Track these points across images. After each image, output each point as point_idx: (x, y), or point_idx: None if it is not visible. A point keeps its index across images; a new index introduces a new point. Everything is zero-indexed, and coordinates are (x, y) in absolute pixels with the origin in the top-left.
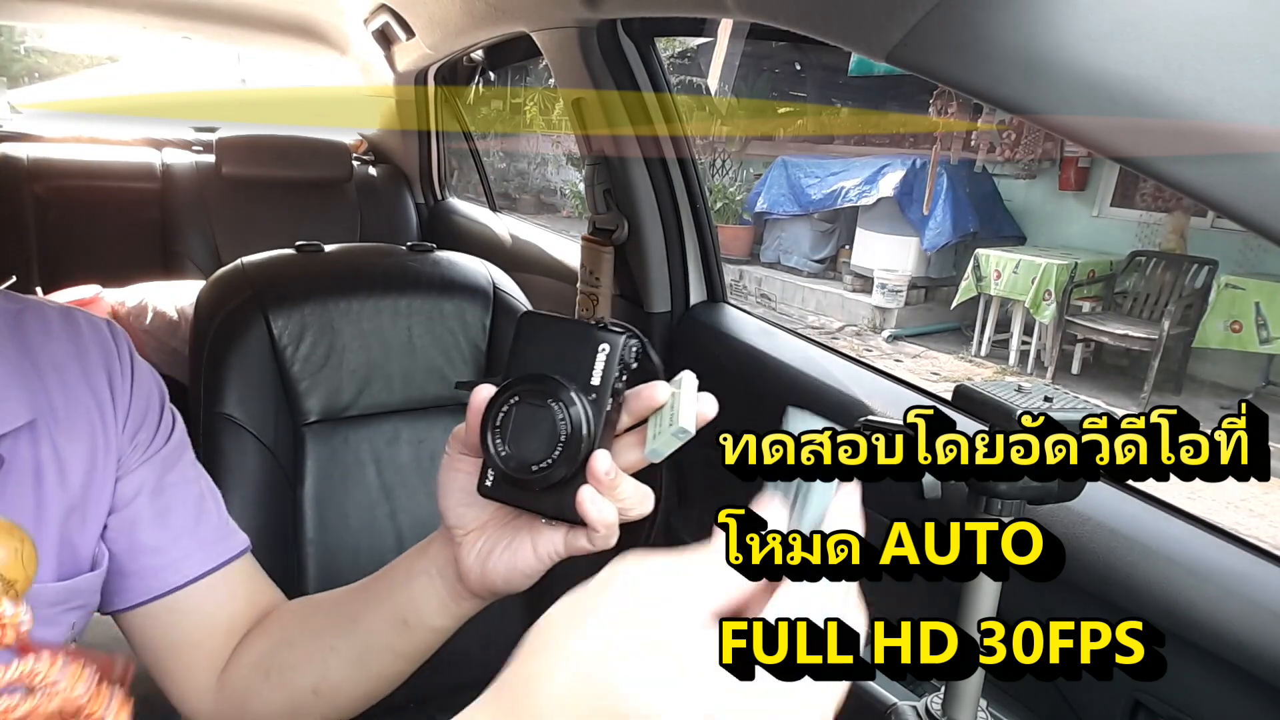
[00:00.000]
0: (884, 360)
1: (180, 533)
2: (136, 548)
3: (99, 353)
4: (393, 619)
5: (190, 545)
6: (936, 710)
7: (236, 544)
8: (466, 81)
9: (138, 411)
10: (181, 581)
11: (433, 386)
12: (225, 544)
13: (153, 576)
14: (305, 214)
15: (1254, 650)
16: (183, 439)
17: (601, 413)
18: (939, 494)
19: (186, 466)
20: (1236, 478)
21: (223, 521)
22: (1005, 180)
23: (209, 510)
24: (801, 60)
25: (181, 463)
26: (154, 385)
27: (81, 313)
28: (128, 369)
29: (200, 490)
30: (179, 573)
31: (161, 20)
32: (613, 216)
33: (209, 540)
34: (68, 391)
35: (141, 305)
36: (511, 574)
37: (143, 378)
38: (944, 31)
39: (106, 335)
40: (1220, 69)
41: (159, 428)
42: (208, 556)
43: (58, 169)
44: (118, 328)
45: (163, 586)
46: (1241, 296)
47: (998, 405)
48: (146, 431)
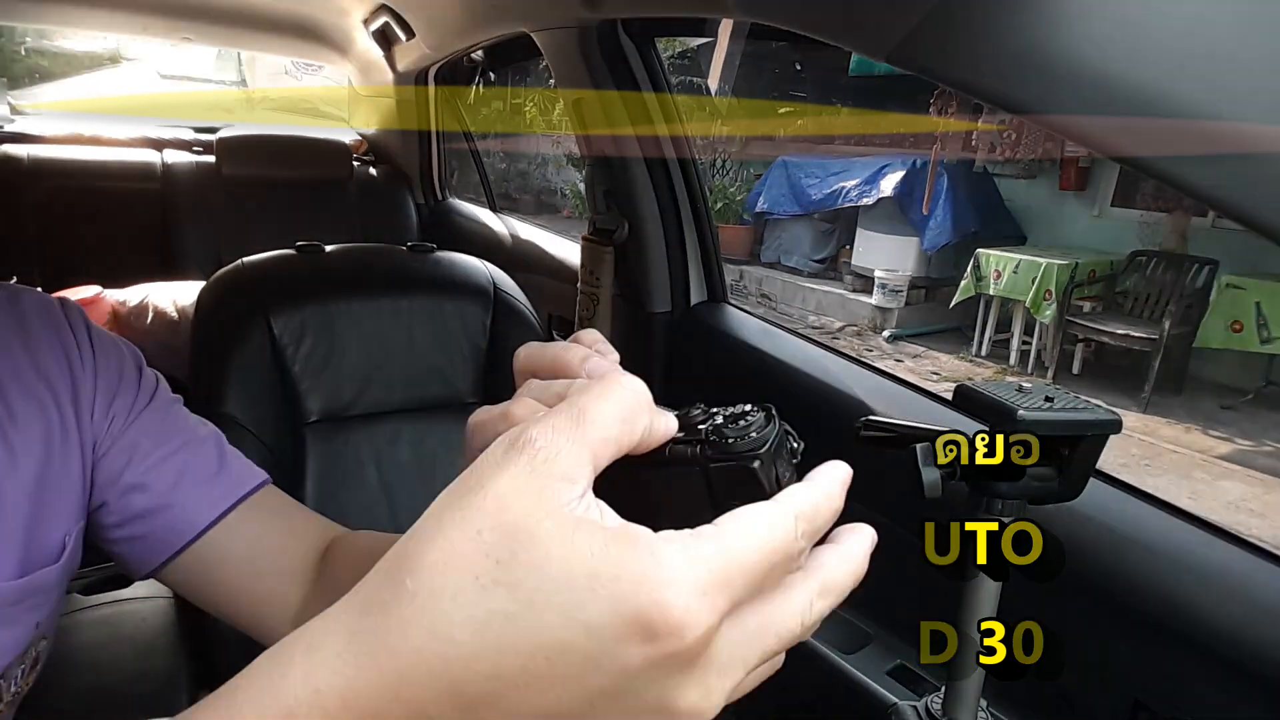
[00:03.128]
0: (885, 360)
1: (187, 481)
2: (148, 508)
3: (50, 333)
4: None
5: (199, 492)
6: (937, 710)
7: (249, 480)
8: (466, 81)
9: (107, 384)
10: (201, 527)
11: (433, 386)
12: (237, 482)
13: (169, 531)
14: (305, 214)
15: (1254, 650)
16: (168, 396)
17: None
18: (939, 493)
19: (178, 418)
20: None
21: (229, 461)
22: (1005, 180)
23: (209, 454)
24: (801, 60)
25: (171, 415)
26: (122, 352)
27: (27, 293)
28: (86, 344)
29: (199, 436)
30: (193, 521)
31: (161, 20)
32: (613, 216)
33: (220, 481)
34: (18, 379)
35: (142, 305)
36: None
37: (106, 349)
38: (944, 31)
39: (58, 313)
40: (1220, 69)
41: (139, 390)
42: (220, 497)
43: (58, 169)
44: (71, 304)
45: (180, 539)
46: (1242, 296)
47: (998, 405)
48: (124, 399)
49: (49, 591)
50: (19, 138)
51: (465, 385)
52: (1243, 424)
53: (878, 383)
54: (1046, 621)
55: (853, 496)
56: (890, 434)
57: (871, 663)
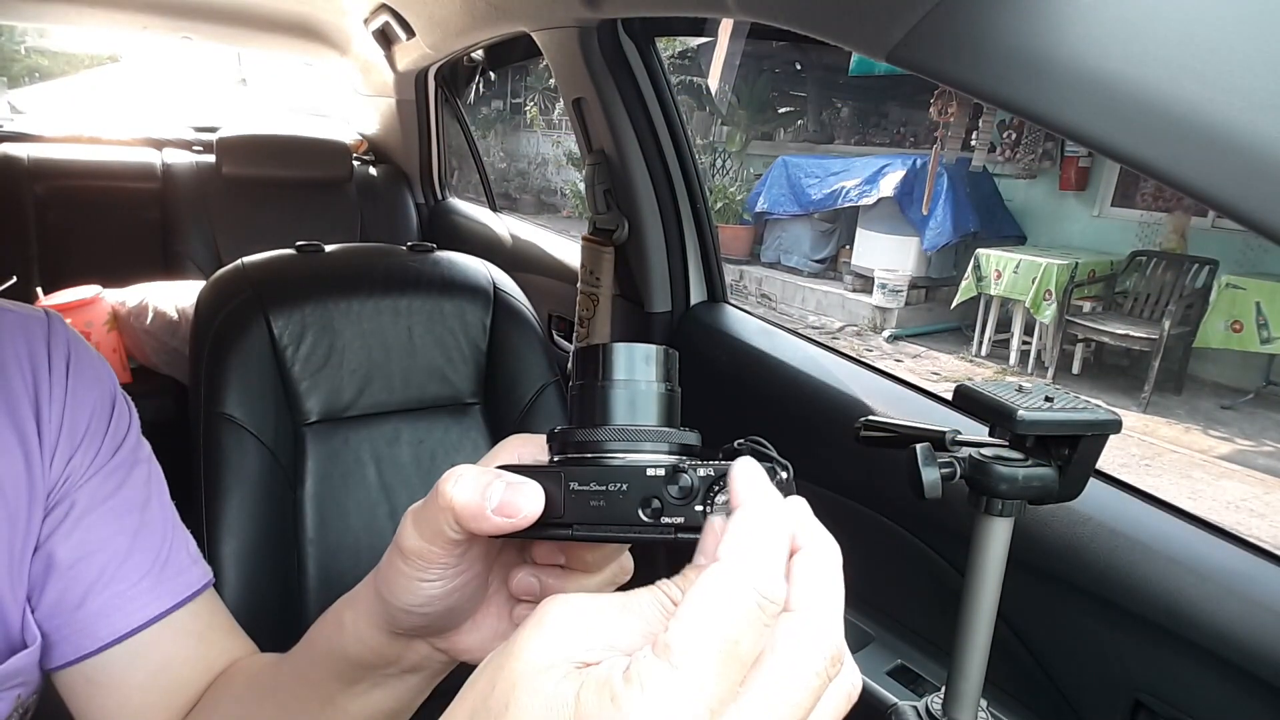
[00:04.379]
0: (884, 360)
1: (117, 568)
2: (63, 591)
3: (23, 360)
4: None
5: (129, 586)
6: (937, 710)
7: (187, 585)
8: (466, 81)
9: (72, 432)
10: (124, 629)
11: (433, 386)
12: (176, 580)
13: (82, 629)
14: (305, 214)
15: (1254, 650)
16: (130, 455)
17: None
18: (939, 493)
19: (135, 485)
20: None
21: (174, 553)
22: (1005, 180)
23: (153, 537)
24: (801, 60)
25: (130, 479)
26: (103, 389)
27: (7, 313)
28: (61, 378)
29: (145, 520)
30: (117, 619)
31: (161, 20)
32: (613, 216)
33: (151, 580)
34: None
35: (142, 305)
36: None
37: (83, 383)
38: (944, 31)
39: (38, 338)
40: (1220, 69)
41: (103, 442)
42: (146, 603)
43: (58, 169)
44: (58, 324)
45: (94, 642)
46: (1242, 296)
47: (998, 405)
48: (84, 453)
49: (31, 670)
50: (19, 137)
51: (465, 385)
52: (1243, 424)
53: (877, 383)
54: (1046, 621)
55: (853, 496)
56: (890, 434)
57: (871, 663)
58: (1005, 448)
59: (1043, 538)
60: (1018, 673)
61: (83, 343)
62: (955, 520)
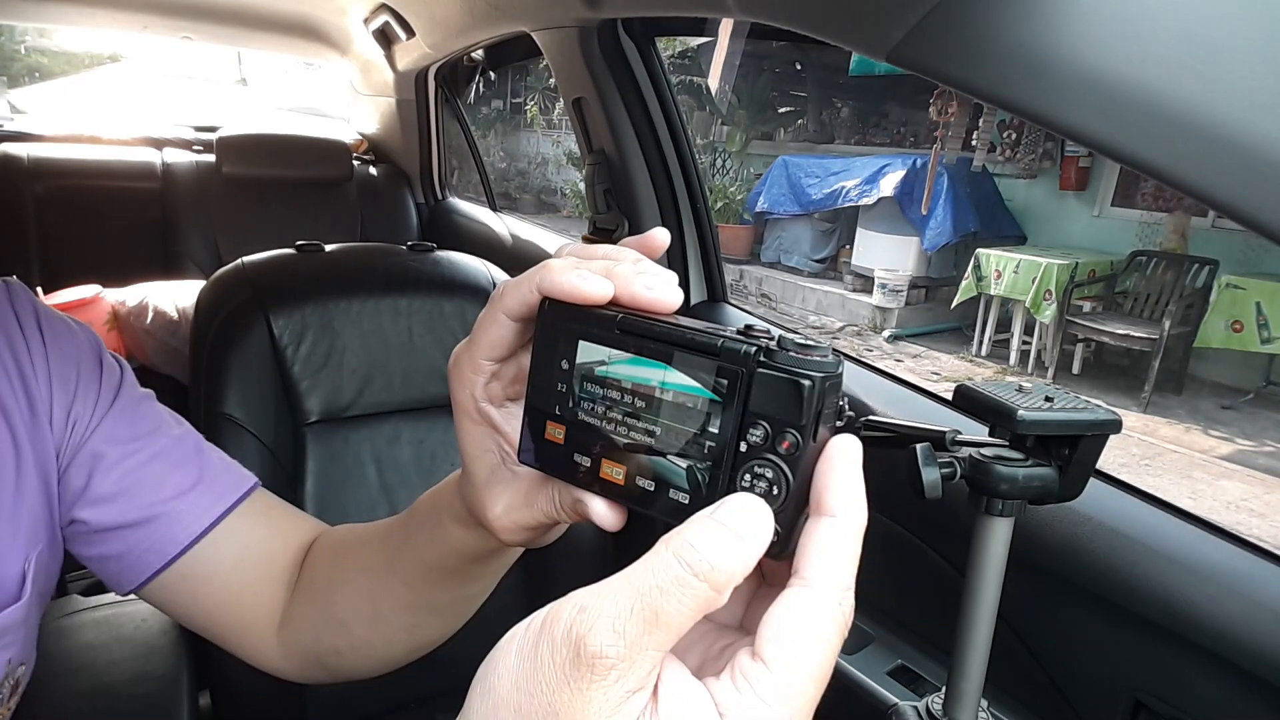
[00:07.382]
0: (885, 360)
1: (168, 490)
2: (125, 522)
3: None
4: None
5: (183, 502)
6: (937, 710)
7: (238, 485)
8: (466, 81)
9: (64, 386)
10: (186, 541)
11: (433, 386)
12: (225, 489)
13: (151, 546)
14: (305, 214)
15: (1254, 650)
16: (135, 392)
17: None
18: (939, 494)
19: (148, 417)
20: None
21: (212, 464)
22: (1005, 180)
23: (188, 456)
24: (801, 60)
25: (140, 414)
26: (80, 344)
27: None
28: (37, 340)
29: (174, 436)
30: (177, 535)
31: (161, 20)
32: (613, 216)
33: (204, 489)
34: None
35: (142, 305)
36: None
37: (60, 343)
38: (944, 31)
39: (4, 306)
40: (1220, 69)
41: (100, 387)
42: (207, 507)
43: (58, 169)
44: (17, 289)
45: (162, 556)
46: (1242, 296)
47: (998, 405)
48: (84, 401)
49: (16, 629)
50: (19, 136)
51: None
52: (1243, 424)
53: (878, 383)
54: (1047, 621)
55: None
56: (890, 434)
57: (871, 663)
58: (1005, 448)
59: (1043, 538)
60: (1018, 673)
61: (50, 307)
62: (955, 520)
